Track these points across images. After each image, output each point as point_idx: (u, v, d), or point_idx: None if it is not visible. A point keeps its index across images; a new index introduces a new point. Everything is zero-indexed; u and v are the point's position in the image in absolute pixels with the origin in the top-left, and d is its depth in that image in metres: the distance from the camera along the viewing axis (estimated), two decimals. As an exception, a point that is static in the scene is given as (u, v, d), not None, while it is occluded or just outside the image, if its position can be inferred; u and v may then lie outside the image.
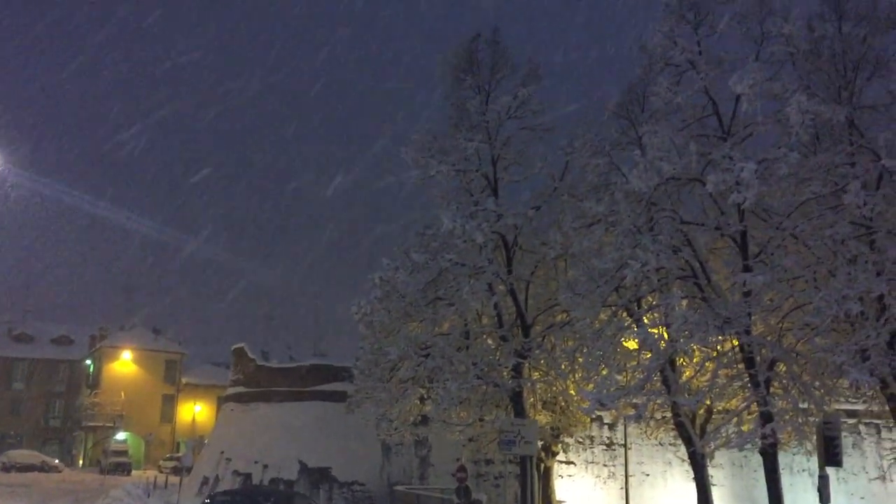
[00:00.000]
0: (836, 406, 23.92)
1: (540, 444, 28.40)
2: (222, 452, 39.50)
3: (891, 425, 21.48)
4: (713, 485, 30.40)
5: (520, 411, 24.93)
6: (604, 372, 22.76)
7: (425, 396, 25.90)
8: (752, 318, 20.96)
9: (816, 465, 20.51)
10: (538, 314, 25.84)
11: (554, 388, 26.71)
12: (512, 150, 25.62)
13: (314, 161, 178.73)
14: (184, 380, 73.36)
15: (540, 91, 26.32)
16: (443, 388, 23.78)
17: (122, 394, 69.05)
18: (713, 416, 24.41)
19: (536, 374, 26.28)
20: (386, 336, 25.96)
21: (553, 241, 24.10)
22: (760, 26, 21.22)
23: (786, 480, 30.00)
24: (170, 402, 72.44)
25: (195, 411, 71.99)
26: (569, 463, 32.80)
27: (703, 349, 22.89)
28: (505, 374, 25.08)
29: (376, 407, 26.29)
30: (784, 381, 20.88)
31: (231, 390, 43.66)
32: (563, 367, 25.23)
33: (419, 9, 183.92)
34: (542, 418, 27.31)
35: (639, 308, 23.01)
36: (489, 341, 26.65)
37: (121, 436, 65.34)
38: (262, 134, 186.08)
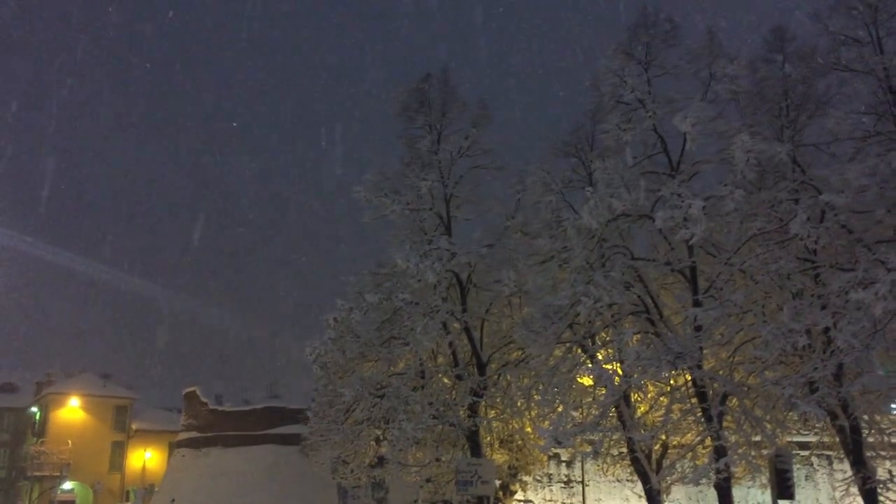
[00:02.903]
0: (788, 439, 24.18)
1: (498, 483, 28.17)
2: (173, 501, 38.39)
3: (842, 456, 21.66)
4: (671, 520, 30.43)
5: (476, 451, 24.72)
6: (560, 409, 22.73)
7: (381, 437, 25.56)
8: (704, 352, 21.19)
9: (770, 498, 20.64)
10: (493, 352, 25.79)
11: (510, 427, 26.58)
12: (464, 188, 25.76)
13: (269, 197, 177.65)
14: (134, 426, 71.32)
15: (491, 130, 26.62)
16: (398, 429, 23.48)
17: (70, 442, 66.79)
18: (669, 451, 24.46)
19: (493, 412, 26.13)
20: (340, 377, 25.66)
21: (507, 278, 24.15)
22: (709, 67, 21.84)
23: (741, 514, 30.25)
24: (119, 450, 70.22)
25: (146, 458, 69.90)
26: (527, 502, 32.53)
27: (657, 384, 23.04)
28: (461, 413, 24.91)
29: (331, 449, 25.86)
30: (736, 415, 21.05)
31: (183, 435, 42.61)
32: (519, 404, 25.15)
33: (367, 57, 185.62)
34: (500, 457, 27.11)
35: (593, 344, 23.10)
36: (445, 380, 26.47)
37: (67, 485, 63.08)
38: (216, 169, 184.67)
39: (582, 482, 31.65)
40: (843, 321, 17.27)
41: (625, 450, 24.01)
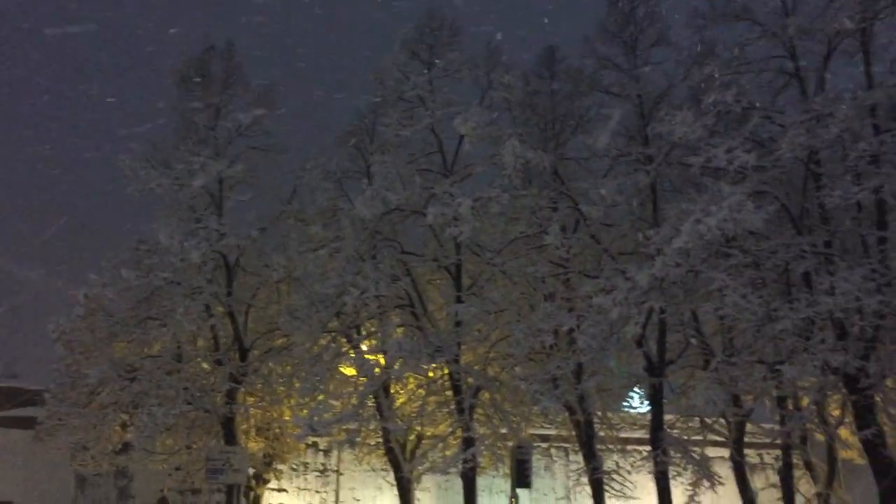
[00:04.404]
0: (532, 431, 25.85)
1: (252, 471, 27.62)
2: None
3: (577, 449, 23.49)
4: (421, 508, 31.39)
5: (231, 438, 24.03)
6: (320, 398, 22.76)
7: (128, 423, 24.11)
8: (462, 347, 22.13)
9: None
10: (257, 338, 25.18)
11: (269, 415, 26.14)
12: (240, 169, 24.93)
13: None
14: None
15: (274, 113, 25.96)
16: (148, 414, 22.28)
17: None
18: (423, 442, 25.24)
19: (252, 399, 25.55)
20: (87, 357, 23.87)
21: (277, 264, 23.70)
22: (487, 75, 22.82)
23: (486, 501, 31.89)
24: None
25: None
26: (280, 490, 32.19)
27: (418, 376, 23.73)
28: (218, 399, 24.10)
29: (70, 434, 24.01)
30: (487, 408, 22.20)
31: None
32: (279, 392, 24.80)
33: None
34: (256, 445, 26.59)
35: (358, 334, 23.33)
36: (204, 365, 25.46)
37: None
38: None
39: (337, 471, 31.84)
40: (585, 323, 18.72)
41: (381, 440, 24.45)
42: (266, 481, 29.00)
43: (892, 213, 17.32)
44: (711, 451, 25.54)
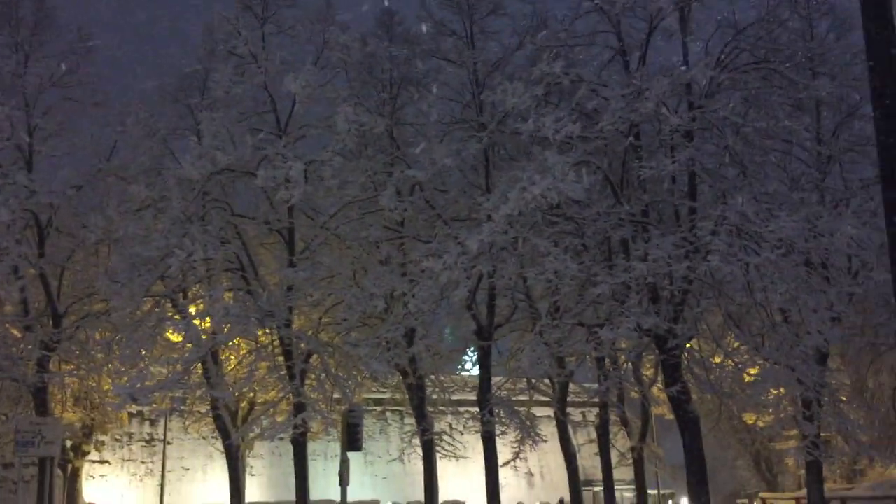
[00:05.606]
0: (367, 395, 25.96)
1: (69, 443, 26.12)
2: None
3: (411, 412, 23.83)
4: (253, 475, 30.96)
5: (44, 409, 22.49)
6: (142, 365, 21.71)
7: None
8: (294, 312, 21.74)
9: (346, 450, 21.94)
10: (73, 303, 23.59)
11: (88, 383, 24.68)
12: (53, 120, 23.02)
13: None
14: None
15: (93, 62, 24.20)
16: (-53, 385, 20.46)
17: None
18: (255, 409, 24.74)
19: (68, 367, 24.00)
20: None
21: (95, 224, 22.17)
22: (323, 34, 22.21)
23: (320, 466, 31.87)
24: None
25: None
26: (103, 462, 30.68)
27: (249, 341, 23.14)
28: (28, 368, 22.46)
29: None
30: (319, 373, 22.00)
31: None
32: (98, 360, 23.44)
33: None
34: (73, 416, 25.11)
35: (184, 299, 22.38)
36: (13, 331, 23.62)
37: None
38: None
39: (164, 440, 30.67)
40: (416, 288, 18.85)
41: (210, 407, 23.71)
42: (86, 453, 27.51)
43: (703, 185, 18.50)
44: (538, 411, 26.74)
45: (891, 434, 27.04)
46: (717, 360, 21.19)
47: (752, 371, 20.51)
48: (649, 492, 29.56)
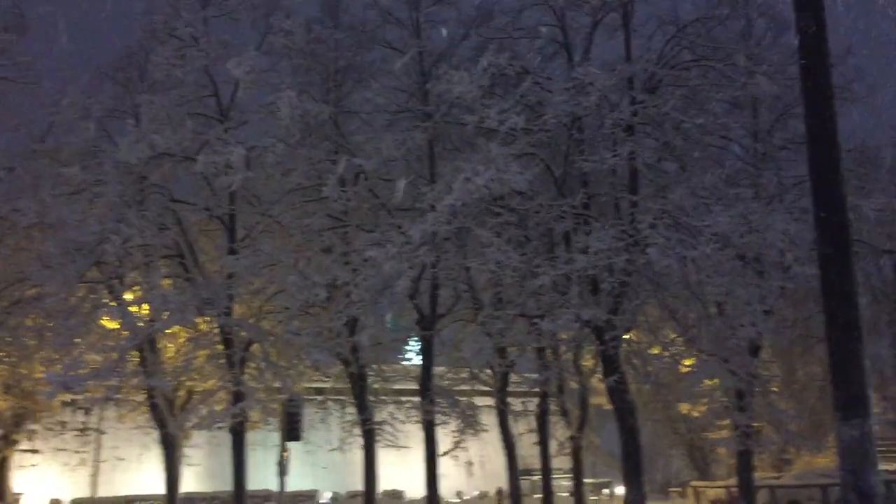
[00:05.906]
0: (307, 385, 25.74)
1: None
2: None
3: (353, 401, 23.72)
4: (190, 465, 30.41)
5: (-29, 398, 21.84)
6: (76, 352, 21.17)
7: None
8: (235, 300, 21.45)
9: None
10: (4, 288, 22.85)
11: (19, 371, 23.97)
12: (-17, 100, 22.28)
13: None
14: None
15: (27, 40, 23.41)
16: None
17: None
18: (194, 398, 24.33)
19: (-2, 354, 23.30)
20: None
21: (27, 207, 21.51)
22: (266, 18, 21.89)
23: (260, 456, 31.34)
24: None
25: None
26: (34, 452, 29.83)
27: (188, 329, 22.74)
28: (-45, 355, 21.75)
29: None
30: (259, 362, 21.77)
31: None
32: (29, 347, 22.77)
33: None
34: (3, 404, 24.40)
35: (121, 285, 21.87)
36: (-61, 318, 22.82)
37: None
38: None
39: (97, 430, 29.93)
40: (359, 277, 18.78)
41: (146, 396, 23.26)
42: (15, 442, 26.77)
43: (643, 179, 18.81)
44: (479, 400, 26.84)
45: (818, 424, 27.93)
46: (655, 351, 21.62)
47: (688, 362, 21.02)
48: (586, 480, 30.04)
